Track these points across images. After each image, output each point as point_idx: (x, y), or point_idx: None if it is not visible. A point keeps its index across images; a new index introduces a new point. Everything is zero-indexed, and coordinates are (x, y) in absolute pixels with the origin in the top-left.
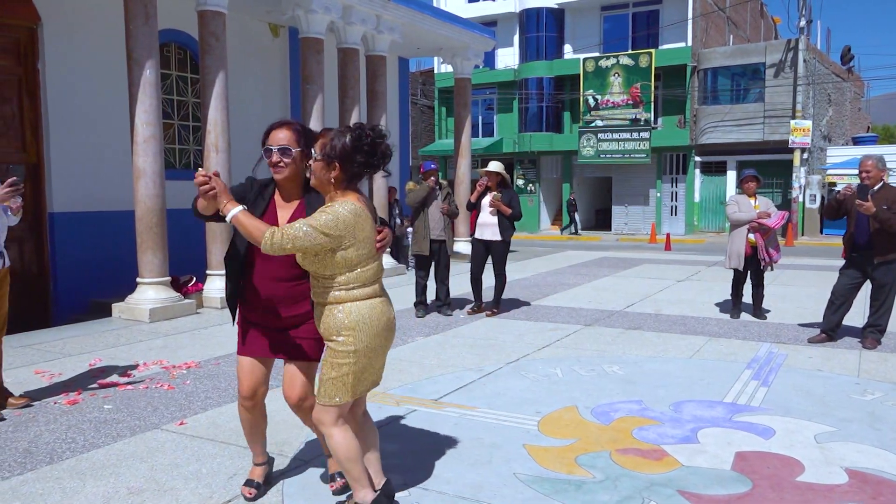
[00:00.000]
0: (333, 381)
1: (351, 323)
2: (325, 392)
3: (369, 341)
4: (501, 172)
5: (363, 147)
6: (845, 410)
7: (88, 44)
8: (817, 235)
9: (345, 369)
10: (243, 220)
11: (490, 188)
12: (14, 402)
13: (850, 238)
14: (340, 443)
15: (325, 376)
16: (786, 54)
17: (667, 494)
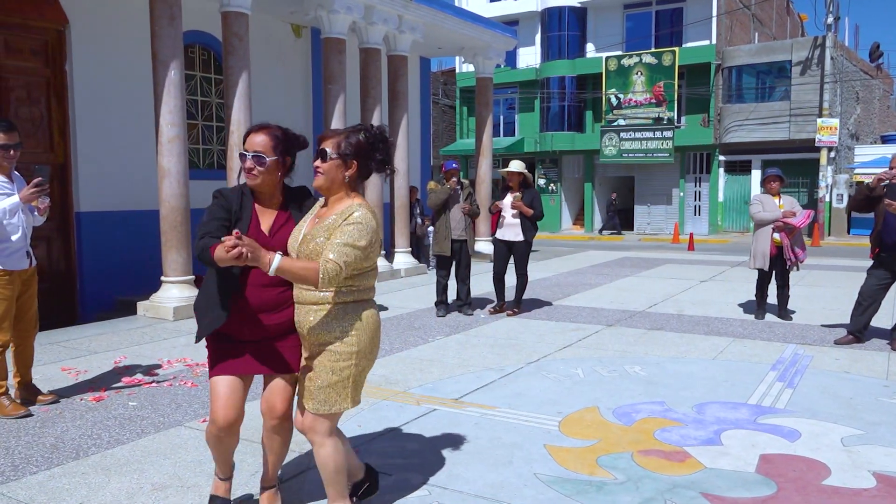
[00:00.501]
0: (334, 386)
1: (356, 323)
2: (325, 399)
3: (368, 343)
4: (523, 172)
5: (378, 144)
6: (873, 413)
7: (115, 45)
8: (844, 235)
9: (346, 373)
10: (289, 267)
11: (512, 189)
12: (42, 398)
13: (877, 237)
14: (333, 455)
15: (324, 382)
16: (812, 52)
17: (689, 497)
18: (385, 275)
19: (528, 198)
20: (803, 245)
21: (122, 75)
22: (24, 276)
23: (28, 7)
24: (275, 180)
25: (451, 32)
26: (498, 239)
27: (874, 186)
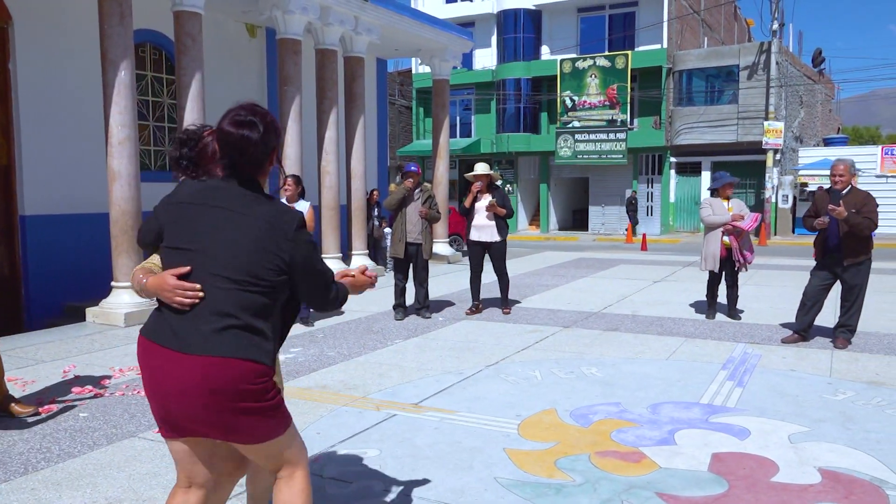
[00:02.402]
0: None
1: None
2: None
3: None
4: (490, 174)
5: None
6: (818, 410)
7: (62, 44)
8: (790, 235)
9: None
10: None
11: (481, 191)
12: (20, 409)
13: (821, 241)
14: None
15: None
16: (759, 57)
17: (645, 497)
18: None
19: (499, 198)
20: (751, 247)
21: (70, 75)
22: None
23: None
24: None
25: (407, 34)
26: (473, 241)
27: (819, 227)
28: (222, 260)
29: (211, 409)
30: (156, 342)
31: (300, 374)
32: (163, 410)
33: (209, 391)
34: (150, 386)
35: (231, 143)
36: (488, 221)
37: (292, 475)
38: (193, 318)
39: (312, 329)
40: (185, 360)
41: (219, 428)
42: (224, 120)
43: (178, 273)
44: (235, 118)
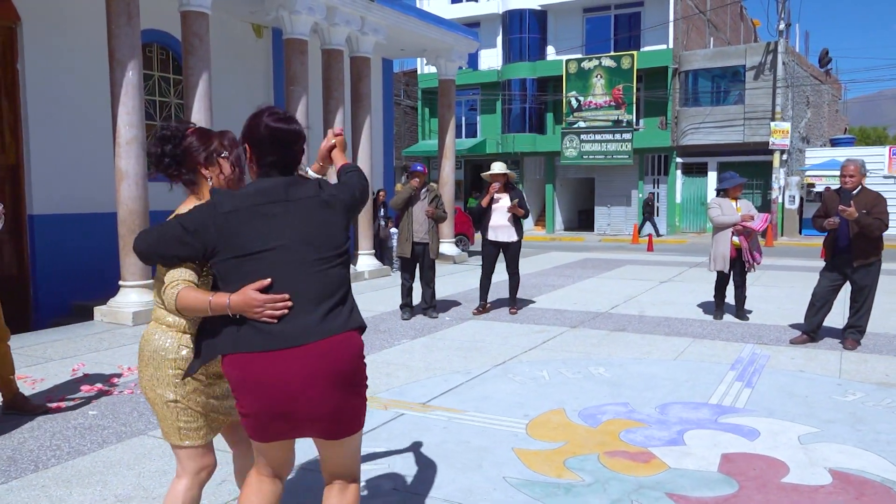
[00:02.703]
0: None
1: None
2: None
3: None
4: (507, 173)
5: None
6: (827, 411)
7: (70, 44)
8: (796, 236)
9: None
10: None
11: (500, 192)
12: (35, 407)
13: (830, 241)
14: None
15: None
16: (765, 57)
17: (655, 497)
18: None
19: (517, 197)
20: (759, 247)
21: (78, 74)
22: None
23: None
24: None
25: (413, 34)
26: (490, 240)
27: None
28: (307, 247)
29: (337, 390)
30: (259, 351)
31: None
32: (281, 415)
33: (335, 372)
34: (262, 397)
35: (282, 137)
36: (506, 222)
37: (349, 485)
38: (295, 313)
39: None
40: (305, 351)
41: (336, 416)
42: (263, 119)
43: (259, 287)
44: (277, 116)
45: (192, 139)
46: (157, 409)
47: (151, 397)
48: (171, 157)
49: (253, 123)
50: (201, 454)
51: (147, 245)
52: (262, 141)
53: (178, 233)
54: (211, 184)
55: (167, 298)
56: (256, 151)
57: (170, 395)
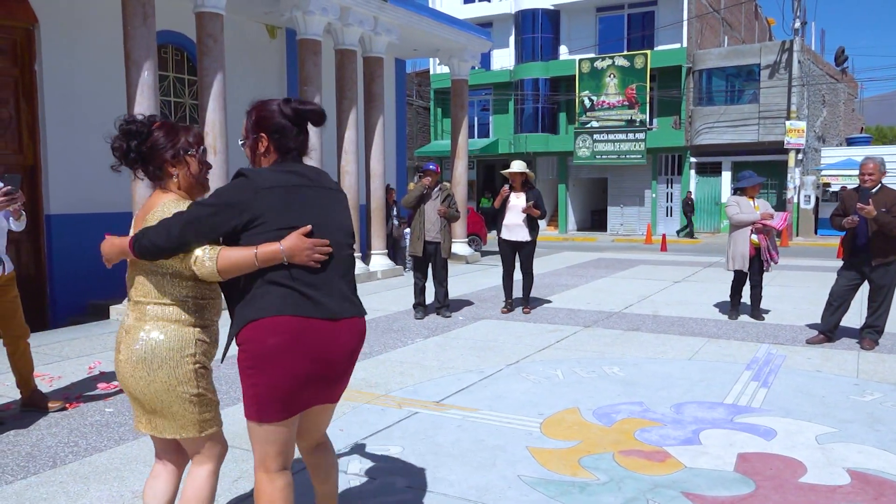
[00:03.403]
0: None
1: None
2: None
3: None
4: (526, 171)
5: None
6: (845, 411)
7: (86, 45)
8: (812, 236)
9: None
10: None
11: (514, 189)
12: (52, 405)
13: (849, 240)
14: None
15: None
16: (780, 55)
17: (671, 496)
18: (362, 277)
19: (534, 197)
20: (776, 246)
21: (94, 75)
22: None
23: None
24: (252, 162)
25: (426, 34)
26: (504, 240)
27: (848, 227)
28: (338, 231)
29: (354, 361)
30: (313, 317)
31: None
32: (319, 378)
33: (360, 346)
34: (311, 360)
35: (312, 119)
36: (520, 221)
37: (327, 441)
38: (330, 286)
39: None
40: (348, 324)
41: (346, 382)
42: (282, 106)
43: (304, 232)
44: (297, 100)
45: (158, 135)
46: (176, 408)
47: (168, 399)
48: (136, 152)
49: (269, 111)
50: (220, 436)
51: (169, 237)
52: (286, 127)
53: (215, 209)
54: (177, 181)
55: (205, 268)
56: (277, 138)
57: (194, 389)
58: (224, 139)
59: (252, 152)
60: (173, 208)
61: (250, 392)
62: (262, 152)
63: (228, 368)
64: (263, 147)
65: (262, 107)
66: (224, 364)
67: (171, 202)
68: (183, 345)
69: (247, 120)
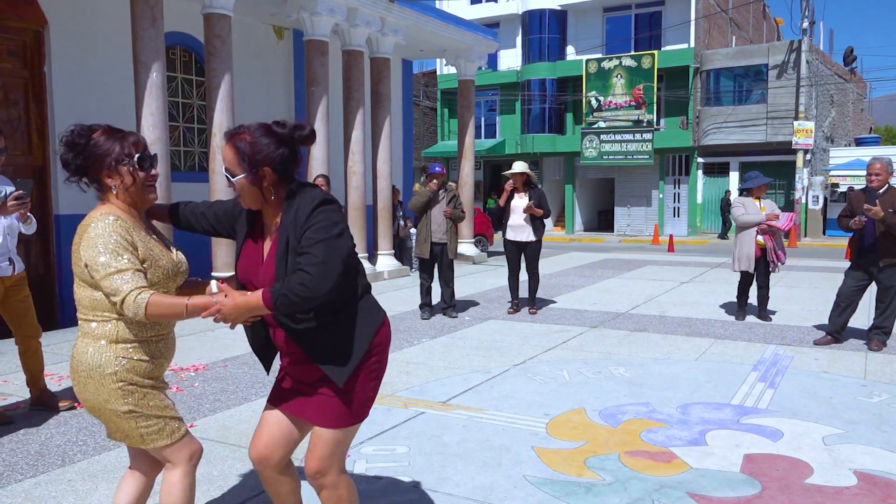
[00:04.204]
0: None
1: None
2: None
3: None
4: (527, 172)
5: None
6: (852, 412)
7: (95, 46)
8: (820, 237)
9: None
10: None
11: (517, 189)
12: (63, 404)
13: (856, 241)
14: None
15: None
16: (788, 55)
17: (676, 497)
18: (369, 277)
19: (536, 197)
20: (783, 247)
21: (103, 77)
22: (8, 283)
23: (5, 7)
24: (256, 197)
25: (433, 35)
26: (510, 240)
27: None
28: None
29: None
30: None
31: None
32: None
33: None
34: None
35: (309, 142)
36: (524, 222)
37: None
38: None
39: None
40: None
41: None
42: (285, 130)
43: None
44: (293, 126)
45: (92, 148)
46: (114, 421)
47: (104, 413)
48: (75, 165)
49: (265, 146)
50: (184, 444)
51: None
52: (288, 157)
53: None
54: (115, 192)
55: (130, 311)
56: (282, 170)
57: (122, 407)
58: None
59: (253, 186)
60: (101, 225)
61: (371, 395)
62: (266, 186)
63: (236, 369)
64: (268, 182)
65: (254, 142)
66: (229, 365)
67: (98, 217)
68: (103, 363)
69: (234, 154)
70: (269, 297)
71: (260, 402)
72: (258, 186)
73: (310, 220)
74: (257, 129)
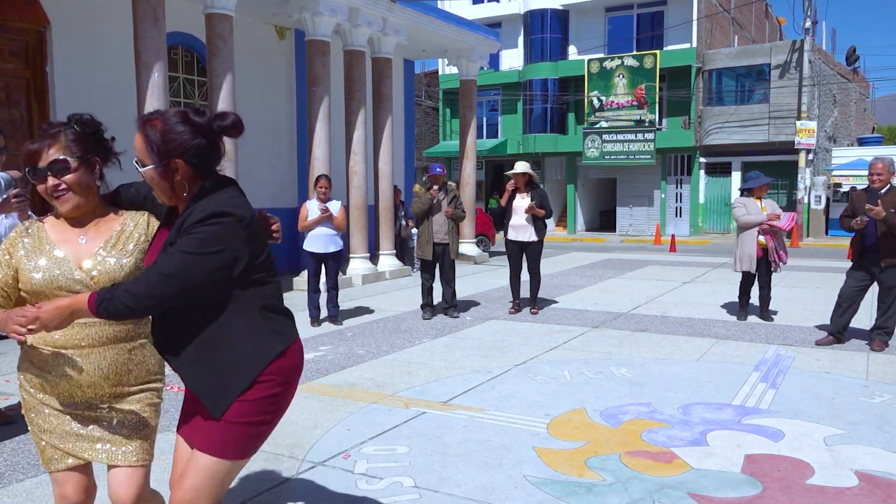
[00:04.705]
0: (154, 430)
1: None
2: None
3: None
4: (529, 172)
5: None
6: (854, 413)
7: (97, 46)
8: (822, 237)
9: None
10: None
11: (518, 189)
12: None
13: (858, 241)
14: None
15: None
16: (791, 55)
17: (677, 497)
18: (370, 277)
19: (537, 197)
20: (785, 247)
21: (105, 77)
22: None
23: (7, 8)
24: (166, 191)
25: (435, 35)
26: (511, 240)
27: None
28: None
29: None
30: (297, 336)
31: (329, 371)
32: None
33: None
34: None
35: (233, 133)
36: (526, 222)
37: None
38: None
39: (341, 327)
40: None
41: None
42: (202, 121)
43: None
44: (214, 115)
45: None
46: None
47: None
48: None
49: (178, 133)
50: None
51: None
52: (205, 148)
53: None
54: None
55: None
56: (197, 163)
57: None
58: (233, 141)
59: (163, 179)
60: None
61: (263, 430)
62: (178, 180)
63: None
64: (181, 175)
65: (166, 130)
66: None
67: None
68: (20, 357)
69: (143, 142)
70: (94, 301)
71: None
72: (168, 180)
73: (192, 228)
74: (172, 117)
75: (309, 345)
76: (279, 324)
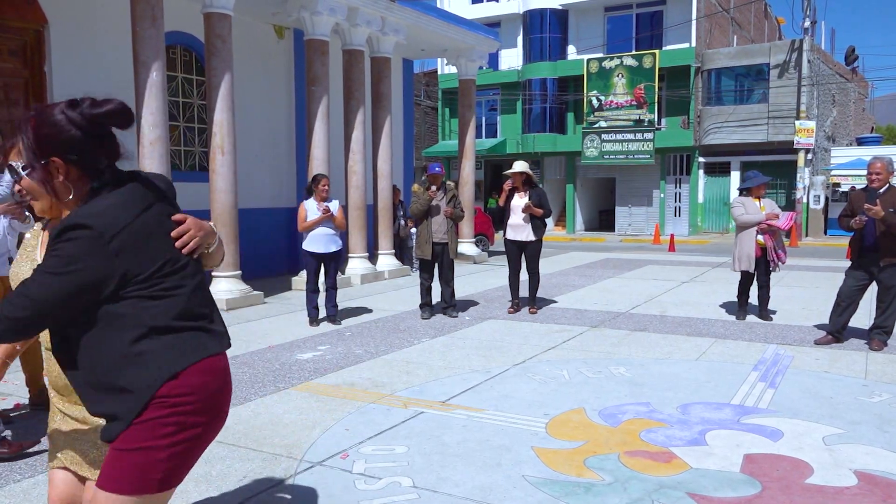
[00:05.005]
0: None
1: None
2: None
3: None
4: (527, 171)
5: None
6: (853, 412)
7: (95, 46)
8: (821, 236)
9: None
10: None
11: (516, 189)
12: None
13: (857, 240)
14: None
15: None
16: (790, 55)
17: (676, 497)
18: (369, 277)
19: (536, 197)
20: (783, 246)
21: (103, 76)
22: (8, 282)
23: (5, 7)
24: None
25: (434, 34)
26: (510, 240)
27: (855, 227)
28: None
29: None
30: (212, 354)
31: (328, 371)
32: (219, 425)
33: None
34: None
35: (118, 121)
36: (524, 221)
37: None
38: (213, 317)
39: (340, 327)
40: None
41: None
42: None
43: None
44: (90, 101)
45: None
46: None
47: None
48: None
49: (52, 125)
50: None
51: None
52: (82, 141)
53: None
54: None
55: None
56: (77, 160)
57: None
58: (232, 139)
59: (44, 185)
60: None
61: (161, 457)
62: (61, 181)
63: (235, 368)
64: (63, 175)
65: (40, 120)
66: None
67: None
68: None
69: (20, 142)
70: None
71: (260, 401)
72: (48, 184)
73: (51, 244)
74: (45, 110)
75: (307, 344)
76: (186, 344)
